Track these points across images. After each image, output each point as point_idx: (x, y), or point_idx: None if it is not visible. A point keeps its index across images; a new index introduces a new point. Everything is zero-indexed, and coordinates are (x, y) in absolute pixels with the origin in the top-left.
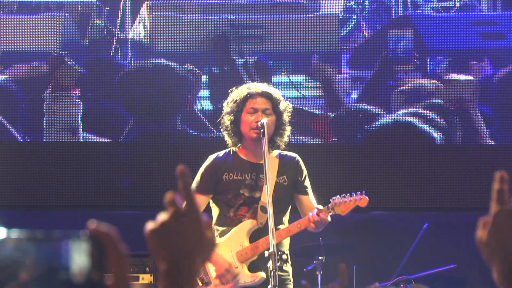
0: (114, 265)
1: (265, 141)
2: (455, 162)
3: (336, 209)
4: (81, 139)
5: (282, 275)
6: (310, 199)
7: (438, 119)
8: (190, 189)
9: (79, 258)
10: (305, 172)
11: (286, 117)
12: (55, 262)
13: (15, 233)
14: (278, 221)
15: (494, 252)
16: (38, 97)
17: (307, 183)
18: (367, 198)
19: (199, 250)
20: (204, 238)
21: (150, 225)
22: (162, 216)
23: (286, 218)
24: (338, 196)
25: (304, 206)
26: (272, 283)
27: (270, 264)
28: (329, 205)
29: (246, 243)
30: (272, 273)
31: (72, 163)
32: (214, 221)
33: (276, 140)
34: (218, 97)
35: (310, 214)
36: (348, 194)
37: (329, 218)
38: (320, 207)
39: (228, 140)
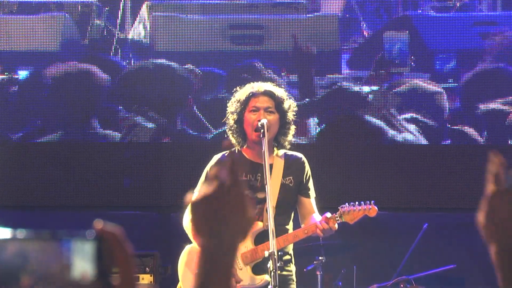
0: (121, 265)
1: (265, 141)
2: (455, 162)
3: (344, 217)
4: (81, 139)
5: (285, 275)
6: (312, 203)
7: (438, 119)
8: (236, 166)
9: (85, 258)
10: (309, 173)
11: (290, 116)
12: (60, 261)
13: (20, 233)
14: (282, 223)
15: (492, 233)
16: (38, 96)
17: (310, 185)
18: (376, 208)
19: (238, 226)
20: (245, 215)
21: (191, 196)
22: (205, 188)
23: (290, 220)
24: (347, 204)
25: (305, 209)
26: (272, 283)
27: (270, 264)
28: (337, 213)
29: (250, 245)
30: (272, 273)
31: (72, 163)
32: None
33: (280, 139)
34: (219, 97)
35: (319, 222)
36: (357, 203)
37: (336, 226)
38: (329, 214)
39: (233, 140)
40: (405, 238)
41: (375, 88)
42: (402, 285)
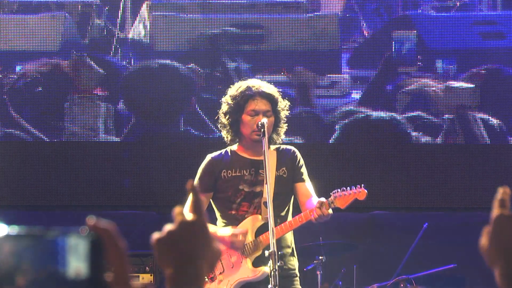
0: (114, 261)
1: (265, 141)
2: (455, 162)
3: (336, 202)
4: (81, 139)
5: (287, 270)
6: (307, 186)
7: (438, 119)
8: (199, 202)
9: (78, 254)
10: (302, 161)
11: (283, 115)
12: (54, 259)
13: (14, 229)
14: (280, 214)
15: (496, 255)
16: (38, 96)
17: (303, 170)
18: (365, 190)
19: (204, 257)
20: (210, 246)
21: (156, 235)
22: (169, 226)
23: (287, 211)
24: (338, 189)
25: (301, 194)
26: (272, 283)
27: (270, 263)
28: (329, 198)
29: (250, 238)
30: (272, 273)
31: (72, 163)
32: (218, 220)
33: (273, 137)
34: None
35: (313, 209)
36: (348, 188)
37: (330, 211)
38: (323, 199)
39: (225, 136)
40: (405, 238)
41: (379, 86)
42: (402, 285)
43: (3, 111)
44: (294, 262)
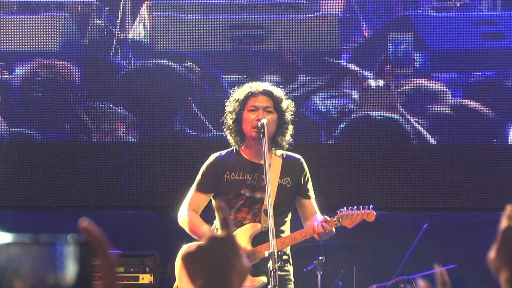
0: (103, 269)
1: (265, 141)
2: (455, 162)
3: (342, 221)
4: (81, 139)
5: (282, 275)
6: (312, 204)
7: (438, 120)
8: (228, 221)
9: (68, 262)
10: (308, 174)
11: (288, 116)
12: (44, 266)
13: (4, 237)
14: (279, 223)
15: (503, 261)
16: (38, 96)
17: (309, 186)
18: (374, 213)
19: (234, 272)
20: (239, 262)
21: (185, 249)
22: (199, 242)
23: (287, 220)
24: (345, 208)
25: (306, 210)
26: (272, 283)
27: (270, 264)
28: (335, 216)
29: (248, 246)
30: (272, 273)
31: (72, 163)
32: (216, 220)
33: (278, 139)
34: (219, 97)
35: (316, 224)
36: (356, 207)
37: (334, 230)
38: (327, 218)
39: (231, 140)
40: (405, 238)
41: (376, 87)
42: (402, 285)
43: (3, 111)
44: (289, 268)
